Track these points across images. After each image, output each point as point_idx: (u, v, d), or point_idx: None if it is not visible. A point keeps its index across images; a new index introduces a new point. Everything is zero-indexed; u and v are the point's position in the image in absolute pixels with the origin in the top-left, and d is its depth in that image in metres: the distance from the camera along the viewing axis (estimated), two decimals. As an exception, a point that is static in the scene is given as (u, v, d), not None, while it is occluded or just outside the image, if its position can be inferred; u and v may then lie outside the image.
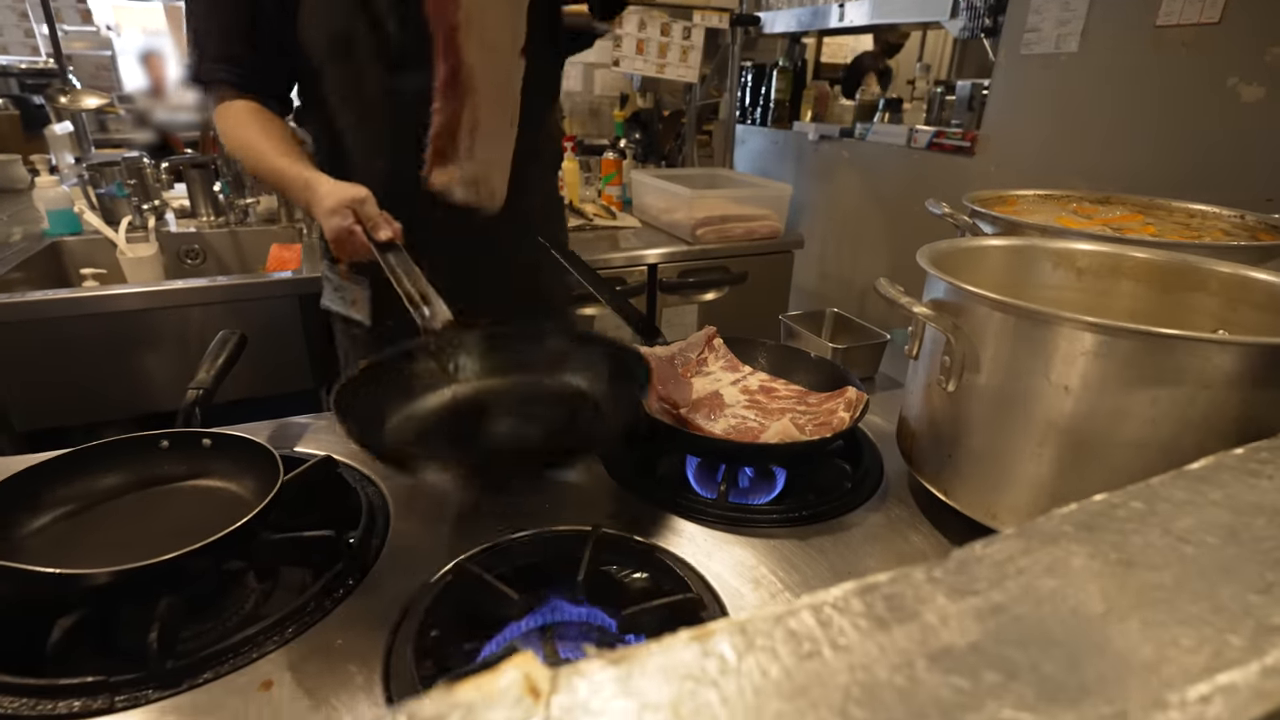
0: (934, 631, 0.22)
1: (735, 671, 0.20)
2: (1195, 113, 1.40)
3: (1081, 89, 1.61)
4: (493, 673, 0.19)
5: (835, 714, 0.19)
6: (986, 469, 0.59)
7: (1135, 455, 0.51)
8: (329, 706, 0.48)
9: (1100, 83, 1.56)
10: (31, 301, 1.29)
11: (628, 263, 1.81)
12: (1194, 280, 0.66)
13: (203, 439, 0.69)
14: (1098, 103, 1.58)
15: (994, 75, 1.82)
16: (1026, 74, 1.72)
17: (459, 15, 0.81)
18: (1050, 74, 1.66)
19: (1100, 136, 1.58)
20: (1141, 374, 0.49)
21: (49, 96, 2.00)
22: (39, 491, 0.61)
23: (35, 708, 0.46)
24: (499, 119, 0.91)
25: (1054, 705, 0.20)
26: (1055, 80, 1.66)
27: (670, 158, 2.67)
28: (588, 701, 0.19)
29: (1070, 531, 0.28)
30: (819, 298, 2.63)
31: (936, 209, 0.95)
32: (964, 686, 0.20)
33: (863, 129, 2.34)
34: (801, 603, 0.23)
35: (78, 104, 1.89)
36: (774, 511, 0.70)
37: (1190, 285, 0.66)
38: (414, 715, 0.17)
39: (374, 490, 0.73)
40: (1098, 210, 0.96)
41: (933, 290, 0.63)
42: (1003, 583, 0.25)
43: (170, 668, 0.49)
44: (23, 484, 0.60)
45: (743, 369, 0.91)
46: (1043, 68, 1.68)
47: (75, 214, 1.71)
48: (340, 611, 0.56)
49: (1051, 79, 1.66)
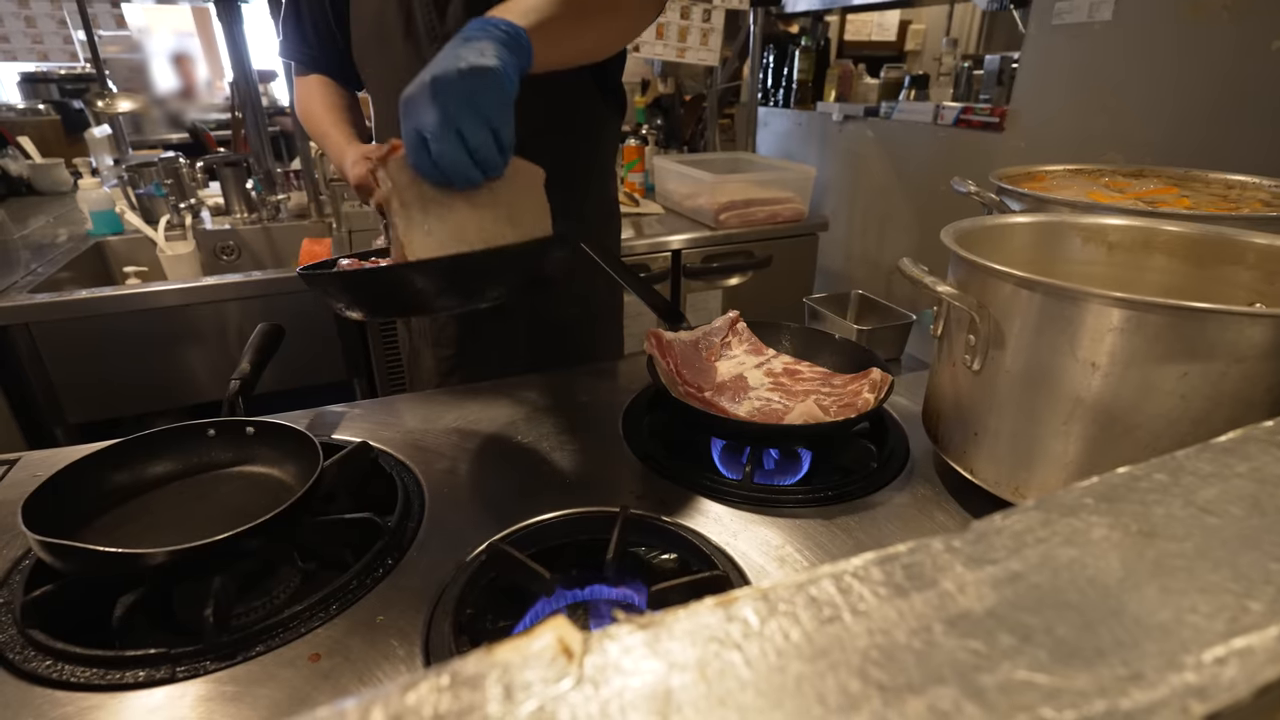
0: (951, 598, 0.23)
1: (758, 635, 0.21)
2: (1237, 79, 1.35)
3: (1116, 59, 1.56)
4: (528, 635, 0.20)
5: (854, 675, 0.20)
6: (1012, 447, 0.59)
7: (1165, 431, 0.50)
8: (374, 677, 0.50)
9: (1136, 52, 1.51)
10: (80, 300, 1.35)
11: (651, 249, 1.81)
12: (1230, 253, 0.64)
13: (246, 427, 0.71)
14: (1133, 73, 1.53)
15: (1024, 48, 1.78)
16: (1058, 45, 1.67)
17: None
18: (1083, 44, 1.62)
19: (1136, 108, 1.54)
20: (1172, 349, 0.48)
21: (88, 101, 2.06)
22: (96, 478, 0.65)
23: (105, 677, 0.49)
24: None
25: (1068, 667, 0.20)
26: (1088, 51, 1.61)
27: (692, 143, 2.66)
28: (619, 661, 0.20)
29: (1090, 503, 0.28)
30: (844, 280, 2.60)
31: (962, 187, 0.94)
32: (980, 649, 0.21)
33: (888, 107, 2.30)
34: (822, 571, 0.24)
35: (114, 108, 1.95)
36: (799, 492, 0.71)
37: (1226, 258, 0.64)
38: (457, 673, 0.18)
39: (409, 475, 0.75)
40: (1131, 184, 0.94)
41: (957, 269, 0.63)
42: (1021, 552, 0.25)
43: (225, 641, 0.52)
44: (81, 471, 0.63)
45: (767, 352, 0.92)
46: (1075, 38, 1.63)
47: (117, 214, 1.77)
48: (380, 590, 0.59)
49: (1084, 50, 1.61)
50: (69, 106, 2.91)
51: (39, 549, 0.53)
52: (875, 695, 0.20)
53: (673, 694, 0.19)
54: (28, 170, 2.24)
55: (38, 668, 0.50)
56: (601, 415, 0.88)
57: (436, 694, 0.18)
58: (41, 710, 0.47)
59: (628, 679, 0.19)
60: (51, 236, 1.76)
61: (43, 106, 2.92)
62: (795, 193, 1.96)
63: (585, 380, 0.98)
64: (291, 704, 0.48)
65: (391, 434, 0.83)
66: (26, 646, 0.51)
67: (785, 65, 2.73)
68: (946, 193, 1.80)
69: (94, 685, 0.49)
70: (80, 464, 0.63)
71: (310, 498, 0.61)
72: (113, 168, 2.13)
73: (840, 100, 2.59)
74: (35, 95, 3.23)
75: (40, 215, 2.00)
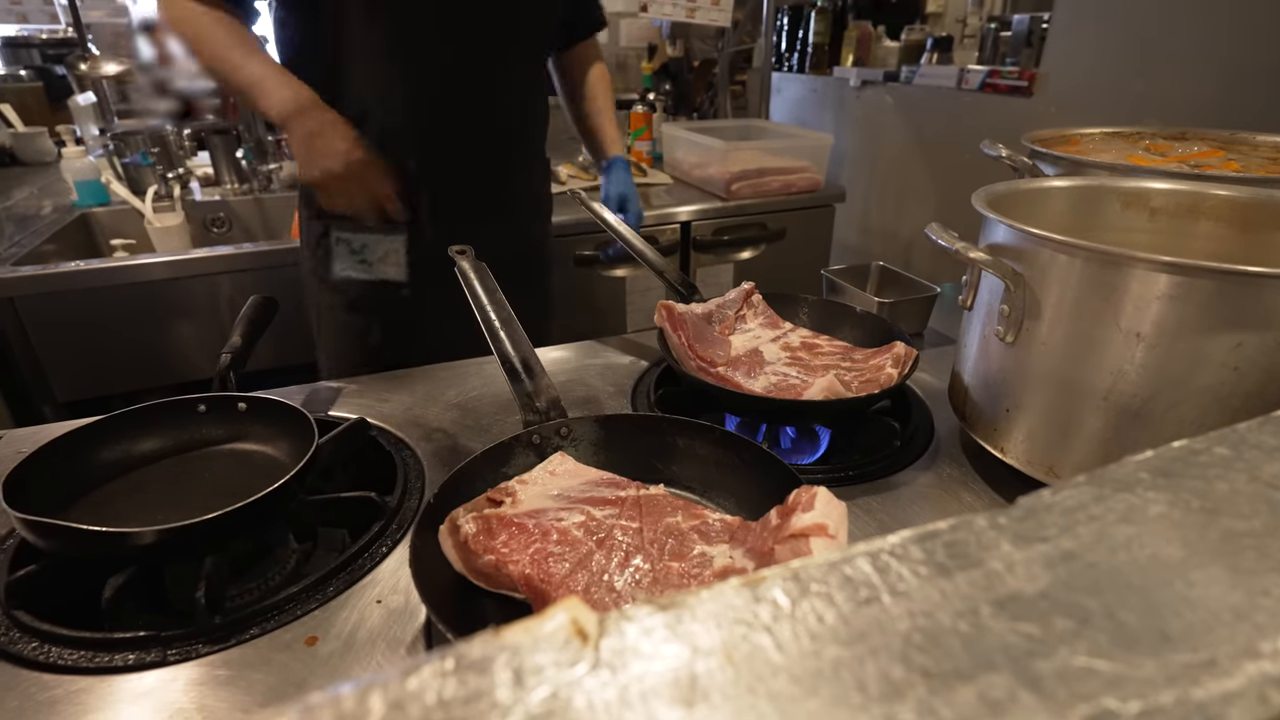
0: (999, 578, 0.22)
1: (789, 617, 0.20)
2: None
3: (1153, 15, 1.51)
4: (539, 617, 0.19)
5: (896, 660, 0.19)
6: (1047, 424, 0.58)
7: (1213, 406, 0.49)
8: (373, 661, 0.49)
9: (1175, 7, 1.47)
10: (66, 273, 1.34)
11: (659, 221, 1.79)
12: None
13: (238, 403, 0.71)
14: (1172, 30, 1.48)
15: (1055, 6, 1.73)
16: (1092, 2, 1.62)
17: None
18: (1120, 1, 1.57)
19: (1176, 68, 1.49)
20: (1224, 318, 0.46)
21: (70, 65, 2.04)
22: (83, 454, 0.64)
23: (93, 659, 0.49)
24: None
25: (1132, 653, 0.19)
26: (1124, 7, 1.56)
27: (702, 110, 2.62)
28: (637, 645, 0.19)
29: (1147, 478, 0.26)
30: (861, 253, 2.57)
31: (993, 151, 0.91)
32: (1033, 633, 0.20)
33: (909, 72, 2.25)
34: (857, 549, 0.22)
35: (98, 71, 1.92)
36: (818, 472, 0.69)
37: (1278, 223, 0.62)
38: (462, 657, 0.17)
39: (408, 453, 0.74)
40: (1173, 147, 0.91)
41: (990, 234, 0.61)
42: (1073, 529, 0.24)
43: (218, 623, 0.51)
44: (66, 447, 0.62)
45: (783, 325, 0.90)
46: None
47: (102, 185, 1.75)
48: (380, 571, 0.58)
49: (1120, 6, 1.57)
50: (51, 73, 2.88)
51: (22, 528, 0.53)
52: (920, 682, 0.18)
53: (698, 679, 0.18)
54: (10, 139, 2.22)
55: (24, 650, 0.49)
56: (609, 390, 0.87)
57: (440, 679, 0.17)
58: (28, 693, 0.47)
59: (648, 663, 0.18)
60: (35, 208, 1.75)
61: (24, 73, 2.89)
62: (811, 162, 1.93)
63: (591, 354, 0.97)
64: (287, 688, 0.47)
65: (390, 410, 0.82)
66: (11, 628, 0.51)
67: (800, 27, 2.67)
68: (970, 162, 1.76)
69: (82, 668, 0.48)
70: (66, 439, 0.63)
71: (305, 475, 0.60)
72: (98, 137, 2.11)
73: (858, 64, 2.54)
74: (16, 61, 3.20)
75: (23, 186, 1.98)
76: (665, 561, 0.52)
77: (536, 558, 0.51)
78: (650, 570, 0.51)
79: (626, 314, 1.84)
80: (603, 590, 0.50)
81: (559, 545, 0.52)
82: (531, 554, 0.51)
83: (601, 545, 0.53)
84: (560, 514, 0.55)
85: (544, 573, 0.50)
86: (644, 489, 0.59)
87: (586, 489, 0.59)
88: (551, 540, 0.53)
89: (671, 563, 0.52)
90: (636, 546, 0.53)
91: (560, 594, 0.49)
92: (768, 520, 0.51)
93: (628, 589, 0.50)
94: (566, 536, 0.53)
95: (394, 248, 1.01)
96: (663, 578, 0.50)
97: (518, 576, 0.50)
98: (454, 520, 0.54)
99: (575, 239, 1.70)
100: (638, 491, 0.59)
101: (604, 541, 0.53)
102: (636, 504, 0.57)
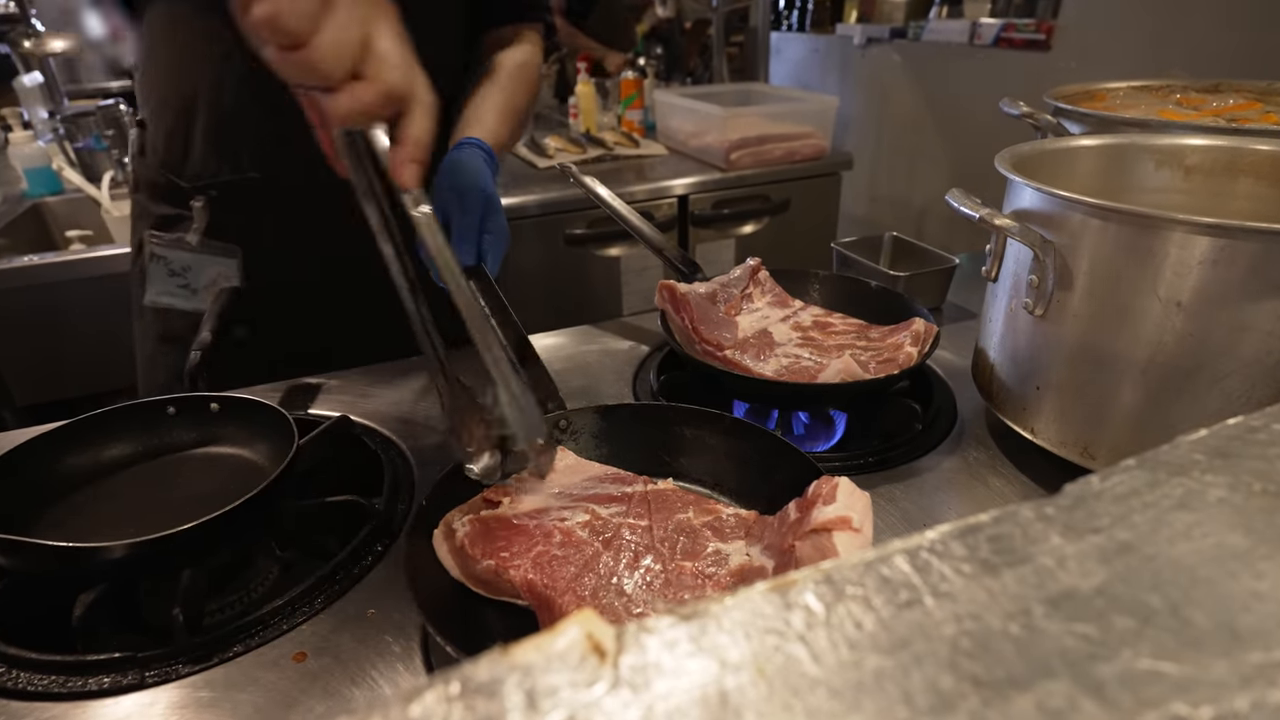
0: (1051, 574, 0.21)
1: (824, 624, 0.20)
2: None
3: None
4: (551, 633, 0.18)
5: (944, 668, 0.18)
6: (1080, 402, 0.57)
7: (1261, 379, 0.48)
8: (367, 678, 0.49)
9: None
10: (18, 268, 1.33)
11: (653, 195, 1.77)
12: (1329, 174, 0.61)
13: (210, 403, 0.70)
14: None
15: (1075, -50, 1.71)
16: (1115, -54, 1.60)
17: None
18: (1144, -57, 1.55)
19: (1204, 13, 1.48)
20: (1270, 282, 0.46)
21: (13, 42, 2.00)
22: (46, 464, 0.63)
23: (65, 684, 0.48)
24: None
25: (1201, 654, 0.19)
26: (1151, -50, 1.54)
27: (696, 74, 2.59)
28: (659, 660, 0.18)
29: (1203, 460, 0.26)
30: (870, 224, 2.56)
31: (1013, 109, 0.90)
32: (1092, 634, 0.19)
33: (917, 27, 2.23)
34: (893, 547, 0.22)
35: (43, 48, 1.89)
36: (834, 459, 0.69)
37: (1323, 180, 0.62)
38: (468, 681, 0.17)
39: (396, 452, 0.74)
40: (1206, 100, 0.90)
41: (1016, 199, 0.60)
42: (1128, 518, 0.23)
43: (198, 641, 0.51)
44: (27, 456, 0.61)
45: (793, 303, 0.89)
46: (1135, -64, 1.56)
47: (54, 172, 1.73)
48: (370, 580, 0.58)
49: (1146, -51, 1.55)
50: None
51: (-17, 544, 0.52)
52: (972, 692, 0.18)
53: (728, 697, 0.18)
54: (-49, 125, 2.19)
55: (-10, 675, 0.49)
56: (608, 378, 0.86)
57: (446, 704, 0.16)
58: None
59: (673, 680, 0.18)
60: (-18, 199, 1.73)
61: (-37, 53, 2.85)
62: (815, 127, 1.91)
63: (587, 340, 0.96)
64: (276, 709, 0.47)
65: (375, 406, 0.82)
66: (-24, 652, 0.51)
67: (800, -19, 2.65)
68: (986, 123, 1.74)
69: (53, 694, 0.48)
70: (26, 448, 0.62)
71: (285, 479, 0.59)
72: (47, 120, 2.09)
73: (863, 21, 2.51)
74: (-46, 40, 3.15)
75: (-32, 176, 1.96)
76: (678, 561, 0.51)
77: (539, 561, 0.51)
78: (662, 571, 0.51)
79: (622, 295, 1.83)
80: (612, 594, 0.49)
81: (563, 547, 0.52)
82: (534, 557, 0.51)
83: (609, 545, 0.53)
84: (563, 513, 0.55)
85: (548, 577, 0.50)
86: (651, 483, 0.59)
87: (590, 485, 0.58)
88: (555, 542, 0.52)
89: (684, 562, 0.51)
90: (646, 546, 0.53)
91: (566, 599, 0.48)
92: (786, 514, 0.51)
93: (639, 592, 0.50)
94: (571, 537, 0.53)
95: (224, 272, 0.86)
96: (676, 579, 0.50)
97: (520, 582, 0.50)
98: (449, 523, 0.53)
99: (564, 216, 1.69)
100: (645, 486, 0.59)
101: (611, 541, 0.53)
102: (644, 500, 0.57)
